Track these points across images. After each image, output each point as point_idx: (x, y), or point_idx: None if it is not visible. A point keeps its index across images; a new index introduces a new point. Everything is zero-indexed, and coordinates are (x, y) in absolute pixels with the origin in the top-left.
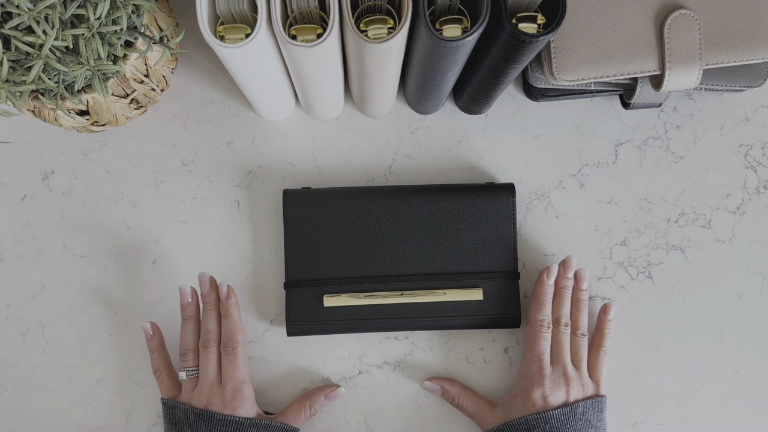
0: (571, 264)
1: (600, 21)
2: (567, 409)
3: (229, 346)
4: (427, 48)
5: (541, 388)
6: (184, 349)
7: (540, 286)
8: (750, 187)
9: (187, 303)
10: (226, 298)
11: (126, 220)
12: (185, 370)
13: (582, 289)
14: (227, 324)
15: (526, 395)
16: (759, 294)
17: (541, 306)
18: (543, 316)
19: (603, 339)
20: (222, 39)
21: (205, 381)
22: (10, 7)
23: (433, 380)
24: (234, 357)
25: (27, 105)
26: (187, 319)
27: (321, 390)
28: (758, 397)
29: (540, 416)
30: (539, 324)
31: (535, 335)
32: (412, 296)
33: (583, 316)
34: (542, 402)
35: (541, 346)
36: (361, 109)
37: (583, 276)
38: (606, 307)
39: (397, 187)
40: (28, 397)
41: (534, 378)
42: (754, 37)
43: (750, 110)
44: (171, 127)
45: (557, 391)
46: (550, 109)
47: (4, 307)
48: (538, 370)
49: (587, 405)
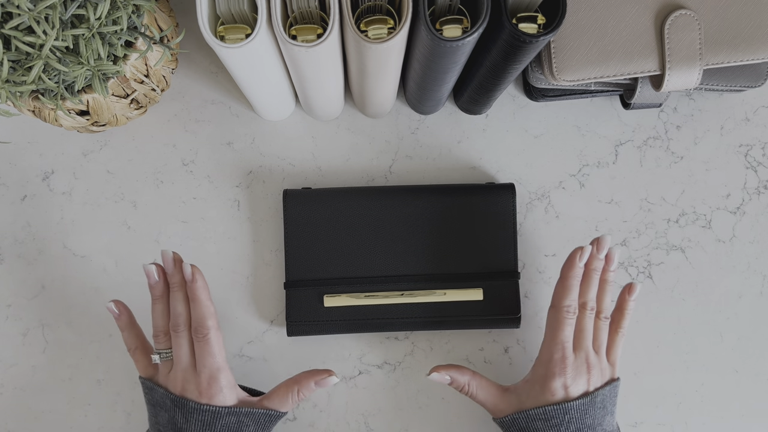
0: (605, 243)
1: (600, 21)
2: (588, 399)
3: (200, 333)
4: (427, 48)
5: (563, 377)
6: (156, 331)
7: (570, 269)
8: (750, 187)
9: (154, 282)
10: (191, 281)
11: (126, 220)
12: (158, 352)
13: (610, 270)
14: (195, 309)
15: (545, 384)
16: (759, 294)
17: (568, 290)
18: (570, 301)
19: (622, 320)
20: (222, 39)
21: (178, 366)
22: (11, 7)
23: (440, 370)
24: (206, 344)
25: (27, 105)
26: (155, 299)
27: (311, 375)
28: (758, 397)
29: (559, 407)
30: (565, 310)
31: (560, 321)
32: (412, 296)
33: (608, 298)
34: (563, 392)
35: (566, 333)
36: (362, 109)
37: (613, 256)
38: (631, 286)
39: (397, 187)
40: (28, 397)
41: (556, 367)
42: (754, 37)
43: (750, 110)
44: (171, 128)
45: (579, 380)
46: (551, 109)
47: (4, 307)
48: (561, 358)
49: (605, 392)
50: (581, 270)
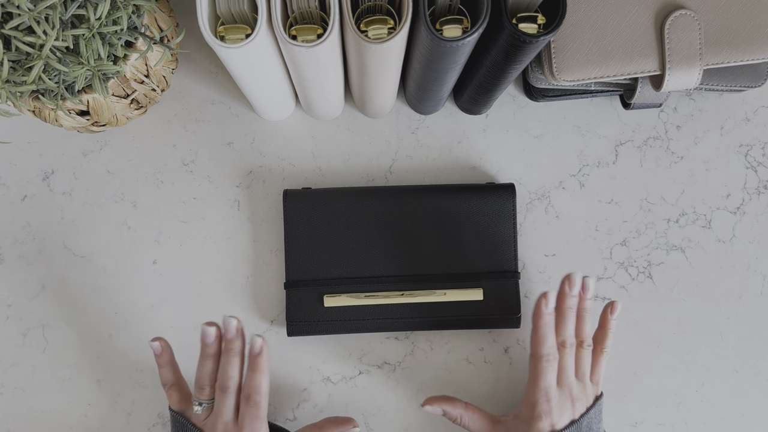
0: (575, 281)
1: (600, 21)
2: (573, 427)
3: (253, 399)
4: (428, 48)
5: (549, 418)
6: (201, 384)
7: (539, 318)
8: (750, 187)
9: (210, 342)
10: (259, 353)
11: (126, 220)
12: (200, 402)
13: (587, 299)
14: (254, 377)
15: (531, 424)
16: (759, 294)
17: (543, 340)
18: (547, 349)
19: (606, 339)
20: (222, 39)
21: (219, 419)
22: (11, 7)
23: (433, 402)
24: (256, 409)
25: (27, 105)
26: (207, 357)
27: (334, 425)
28: (758, 397)
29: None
30: (545, 359)
31: (540, 370)
32: (412, 296)
33: (587, 326)
34: (549, 429)
35: (548, 380)
36: (362, 109)
37: (587, 285)
38: (612, 305)
39: (397, 187)
40: (28, 397)
41: (541, 410)
42: (754, 37)
43: (750, 110)
44: (171, 128)
45: (564, 415)
46: (551, 109)
47: (4, 307)
48: (545, 401)
49: (591, 415)
50: (551, 316)
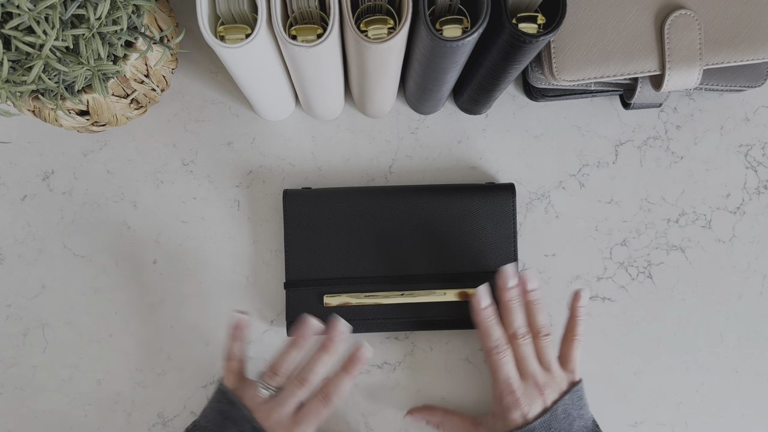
0: (507, 273)
1: (600, 21)
2: (547, 415)
3: (329, 398)
4: (427, 48)
5: (518, 409)
6: (275, 369)
7: (476, 315)
8: (750, 187)
9: (309, 335)
10: (359, 361)
11: (126, 220)
12: (267, 387)
13: (530, 290)
14: (341, 378)
15: (505, 418)
16: (759, 294)
17: (487, 333)
18: (494, 341)
19: (576, 326)
20: (222, 39)
21: (281, 406)
22: (11, 7)
23: (414, 413)
24: (324, 407)
25: (27, 105)
26: (299, 346)
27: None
28: (758, 397)
29: (523, 430)
30: (495, 351)
31: (495, 363)
32: (412, 296)
33: (539, 316)
34: (522, 420)
35: (506, 371)
36: (361, 109)
37: (527, 277)
38: (577, 294)
39: (397, 187)
40: (28, 397)
41: (509, 402)
42: (754, 37)
43: (750, 110)
44: (171, 127)
45: (535, 403)
46: (550, 109)
47: (4, 307)
48: (509, 393)
49: (566, 401)
50: (488, 311)
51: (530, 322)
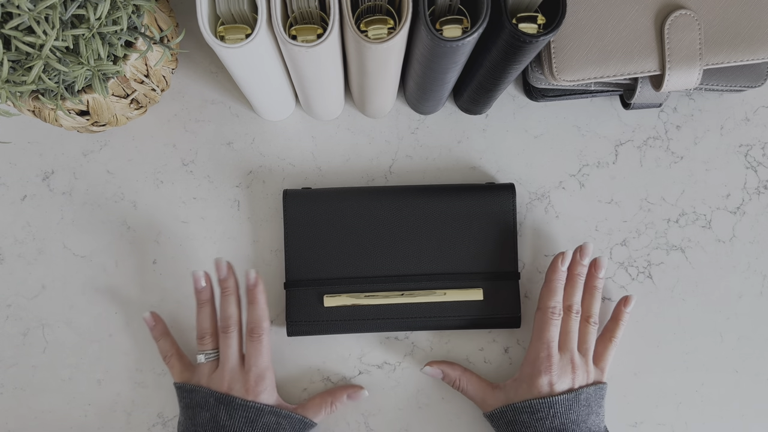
0: (587, 250)
1: (600, 21)
2: (572, 395)
3: (256, 333)
4: (427, 48)
5: (548, 375)
6: (202, 332)
7: (553, 272)
8: (750, 187)
9: (201, 288)
10: (254, 284)
11: (126, 220)
12: (204, 352)
13: (598, 277)
14: (254, 310)
15: (531, 381)
16: (759, 294)
17: (552, 292)
18: (554, 302)
19: (616, 329)
20: (222, 39)
21: (226, 365)
22: (11, 7)
23: (433, 365)
24: (260, 344)
25: (27, 105)
26: (202, 303)
27: (344, 389)
28: (758, 397)
29: (545, 401)
30: (550, 311)
31: (545, 322)
32: (412, 296)
33: (596, 304)
34: (548, 389)
35: (551, 333)
36: (361, 109)
37: (600, 264)
38: (626, 299)
39: (397, 187)
40: (28, 397)
41: (542, 365)
42: (754, 37)
43: (750, 110)
44: (171, 127)
45: (564, 378)
46: (550, 109)
47: (4, 307)
48: (546, 357)
49: (590, 391)
50: (564, 274)
51: (586, 306)
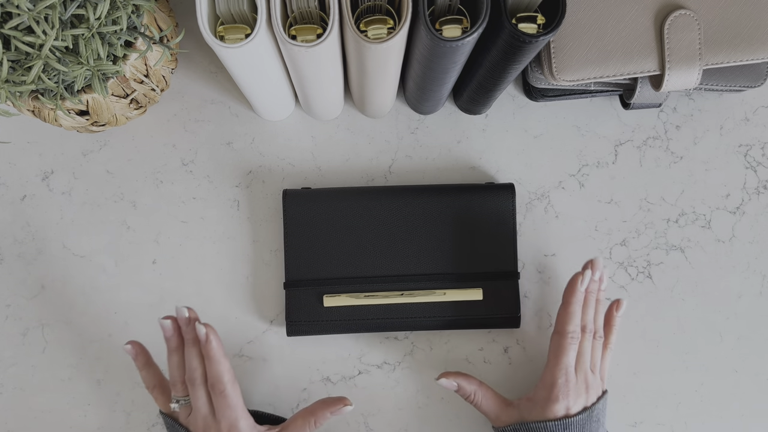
0: (598, 265)
1: (600, 21)
2: (586, 414)
3: (217, 389)
4: (427, 48)
5: (566, 401)
6: (173, 380)
7: (572, 294)
8: (750, 187)
9: (169, 335)
10: (205, 341)
11: (126, 220)
12: (176, 399)
13: (602, 290)
14: (211, 366)
15: (547, 405)
16: (759, 294)
17: (571, 316)
18: (573, 327)
19: (611, 335)
20: (222, 39)
21: (198, 414)
22: (10, 7)
23: (448, 376)
24: (224, 398)
25: (27, 105)
26: (171, 351)
27: (326, 406)
28: (758, 397)
29: (561, 423)
30: (570, 336)
31: (564, 347)
32: (412, 296)
33: (601, 317)
34: (564, 413)
35: (569, 358)
36: (361, 109)
37: (603, 276)
38: (618, 303)
39: (397, 187)
40: (28, 397)
41: (560, 392)
42: (754, 37)
43: (750, 110)
44: (171, 127)
45: (579, 401)
46: (550, 109)
47: (4, 307)
48: (564, 383)
49: (599, 406)
50: (582, 295)
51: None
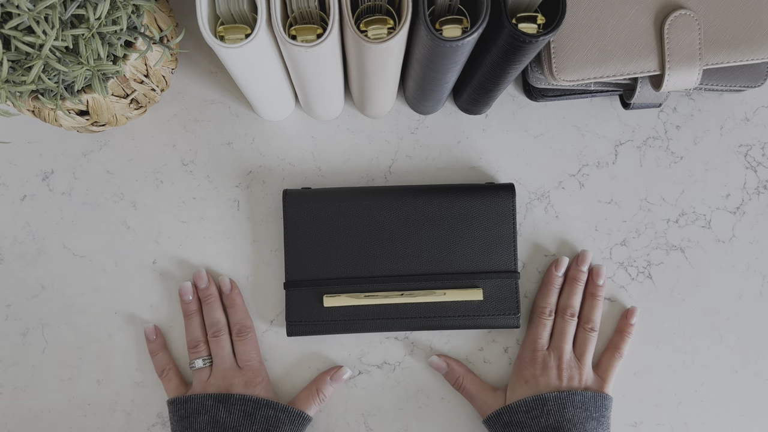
0: (586, 258)
1: (600, 21)
2: (563, 394)
3: (243, 333)
4: (427, 48)
5: (531, 368)
6: (194, 342)
7: (548, 276)
8: (750, 187)
9: (188, 300)
10: (230, 290)
11: (126, 220)
12: (200, 358)
13: (598, 284)
14: (236, 313)
15: (518, 376)
16: (759, 294)
17: (545, 294)
18: (545, 303)
19: (621, 342)
20: (222, 39)
21: (221, 367)
22: (10, 7)
23: (441, 357)
24: (249, 341)
25: (27, 105)
26: (192, 314)
27: (325, 374)
28: (758, 397)
29: (537, 398)
30: (540, 310)
31: (533, 321)
32: (412, 296)
33: (596, 311)
34: (533, 381)
35: (537, 331)
36: (361, 109)
37: (600, 272)
38: (630, 311)
39: (397, 187)
40: (28, 397)
41: (526, 360)
42: (754, 37)
43: (750, 110)
44: (171, 127)
45: (548, 373)
46: (550, 109)
47: (4, 307)
48: (531, 351)
49: (587, 395)
50: (560, 279)
51: (585, 312)
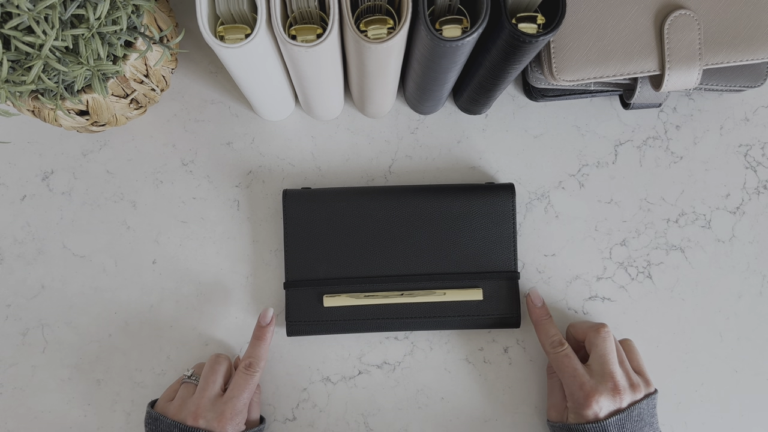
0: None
1: (600, 21)
2: (622, 415)
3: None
4: (427, 48)
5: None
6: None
7: (533, 314)
8: (750, 187)
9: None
10: (268, 324)
11: (126, 220)
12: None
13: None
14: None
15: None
16: (759, 294)
17: (543, 331)
18: (551, 337)
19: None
20: (222, 39)
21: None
22: (10, 7)
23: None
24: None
25: (27, 105)
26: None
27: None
28: (758, 397)
29: (598, 425)
30: (551, 347)
31: (555, 360)
32: (412, 296)
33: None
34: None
35: (568, 366)
36: (361, 109)
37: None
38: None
39: (397, 187)
40: (28, 397)
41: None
42: (754, 37)
43: (750, 110)
44: (171, 127)
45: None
46: (550, 109)
47: (4, 307)
48: (579, 387)
49: (642, 406)
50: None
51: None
